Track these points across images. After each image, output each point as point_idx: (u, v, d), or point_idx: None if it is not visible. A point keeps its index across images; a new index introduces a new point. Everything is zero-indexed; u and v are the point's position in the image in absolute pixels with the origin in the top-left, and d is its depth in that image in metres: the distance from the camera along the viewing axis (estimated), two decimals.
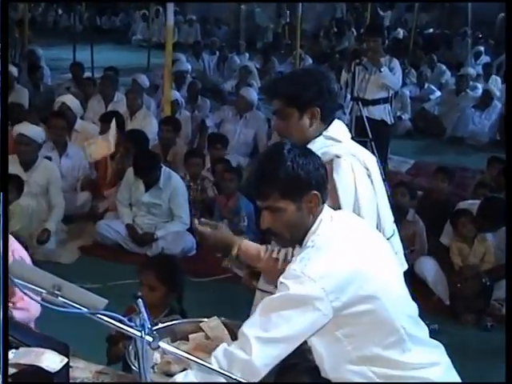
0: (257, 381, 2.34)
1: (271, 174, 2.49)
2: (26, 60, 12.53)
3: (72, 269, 6.10)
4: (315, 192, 2.50)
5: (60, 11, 26.09)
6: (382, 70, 7.72)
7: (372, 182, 3.11)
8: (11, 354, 2.38)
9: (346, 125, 7.39)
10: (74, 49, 14.10)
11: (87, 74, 11.74)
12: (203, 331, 2.80)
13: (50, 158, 6.97)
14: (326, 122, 3.08)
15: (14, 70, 9.99)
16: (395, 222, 5.88)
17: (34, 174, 6.53)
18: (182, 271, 3.95)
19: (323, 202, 2.56)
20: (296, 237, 2.56)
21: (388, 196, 2.97)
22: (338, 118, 3.21)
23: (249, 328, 2.37)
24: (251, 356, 2.32)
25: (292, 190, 2.49)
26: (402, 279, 2.65)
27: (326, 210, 2.59)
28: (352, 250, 2.46)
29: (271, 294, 2.98)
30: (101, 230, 6.73)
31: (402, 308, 2.52)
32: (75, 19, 17.79)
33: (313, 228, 2.53)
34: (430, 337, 2.65)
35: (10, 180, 6.19)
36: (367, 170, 3.10)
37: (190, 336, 2.79)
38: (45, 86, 10.77)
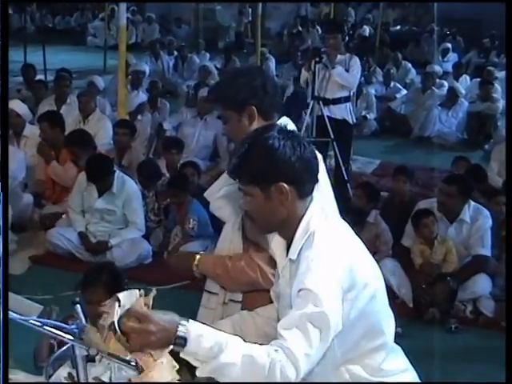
0: None
1: (243, 156, 2.45)
2: None
3: (22, 279, 5.94)
4: (283, 184, 2.40)
5: (10, 11, 25.61)
6: (335, 67, 7.64)
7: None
8: None
9: (305, 124, 7.34)
10: (24, 50, 13.88)
11: (40, 76, 11.49)
12: None
13: None
14: (269, 119, 2.99)
15: None
16: (356, 223, 5.84)
17: None
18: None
19: (305, 196, 2.46)
20: (270, 226, 2.52)
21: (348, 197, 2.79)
22: (299, 118, 3.14)
23: (295, 343, 2.22)
24: (299, 373, 2.22)
25: (258, 177, 2.42)
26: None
27: (316, 203, 2.50)
28: (353, 251, 2.43)
29: (217, 294, 3.07)
30: (52, 238, 6.52)
31: (387, 310, 2.52)
32: (26, 19, 17.50)
33: (303, 224, 2.44)
34: (394, 340, 2.61)
35: None
36: None
37: None
38: None
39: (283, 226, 2.48)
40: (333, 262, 2.32)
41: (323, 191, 2.95)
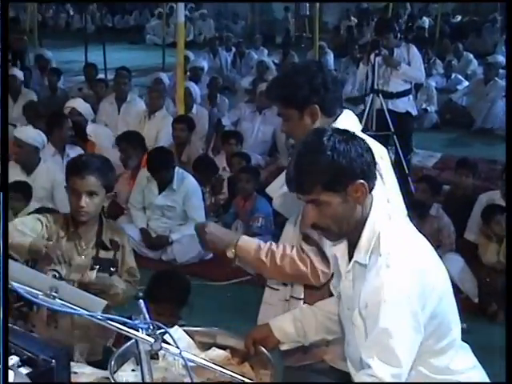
0: None
1: (311, 165, 2.33)
2: (36, 64, 12.48)
3: None
4: (361, 181, 2.33)
5: (71, 12, 25.90)
6: (399, 68, 7.57)
7: (381, 175, 2.90)
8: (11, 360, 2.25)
9: (364, 118, 7.22)
10: (85, 50, 14.04)
11: (100, 75, 11.57)
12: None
13: None
14: (331, 115, 2.93)
15: (19, 74, 9.88)
16: (418, 216, 5.76)
17: (38, 177, 6.36)
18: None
19: (371, 190, 2.40)
20: (345, 230, 2.41)
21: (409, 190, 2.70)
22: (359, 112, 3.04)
23: (379, 368, 2.22)
24: None
25: (334, 181, 2.32)
26: None
27: (378, 202, 2.44)
28: (421, 253, 2.36)
29: (278, 290, 3.01)
30: None
31: (454, 309, 2.45)
32: (86, 19, 17.73)
33: (369, 225, 2.37)
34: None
35: (16, 187, 6.02)
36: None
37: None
38: (59, 89, 10.66)
39: (355, 228, 2.41)
40: (403, 269, 2.25)
41: (389, 187, 2.91)
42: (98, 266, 3.46)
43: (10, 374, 1.90)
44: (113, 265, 3.51)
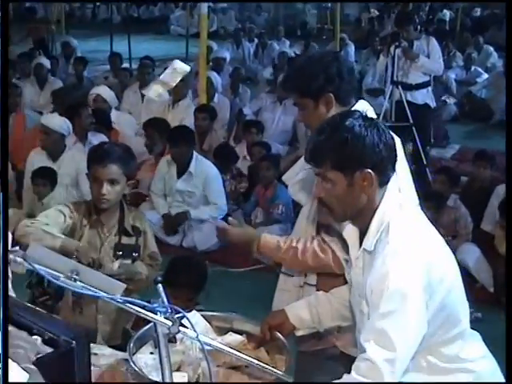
0: None
1: (326, 140, 2.40)
2: (62, 52, 12.64)
3: None
4: (369, 171, 2.36)
5: (97, 3, 25.97)
6: (418, 60, 7.60)
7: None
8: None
9: (383, 110, 7.25)
10: (111, 40, 14.16)
11: (125, 65, 11.60)
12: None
13: None
14: (346, 104, 2.96)
15: (46, 62, 10.04)
16: (436, 207, 5.82)
17: (63, 164, 6.46)
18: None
19: (383, 185, 2.43)
20: (349, 214, 2.46)
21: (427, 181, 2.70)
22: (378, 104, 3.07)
23: (374, 352, 2.23)
24: (388, 378, 2.23)
25: (343, 162, 2.37)
26: None
27: (390, 192, 2.46)
28: (430, 244, 2.38)
29: (293, 277, 3.07)
30: None
31: (463, 299, 2.46)
32: (112, 10, 17.79)
33: (379, 214, 2.40)
34: (473, 325, 2.57)
35: (42, 173, 6.17)
36: None
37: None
38: (84, 77, 10.79)
39: (359, 215, 2.44)
40: (410, 258, 2.27)
41: (401, 177, 2.91)
42: (120, 252, 3.50)
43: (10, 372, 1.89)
44: (135, 250, 3.54)
